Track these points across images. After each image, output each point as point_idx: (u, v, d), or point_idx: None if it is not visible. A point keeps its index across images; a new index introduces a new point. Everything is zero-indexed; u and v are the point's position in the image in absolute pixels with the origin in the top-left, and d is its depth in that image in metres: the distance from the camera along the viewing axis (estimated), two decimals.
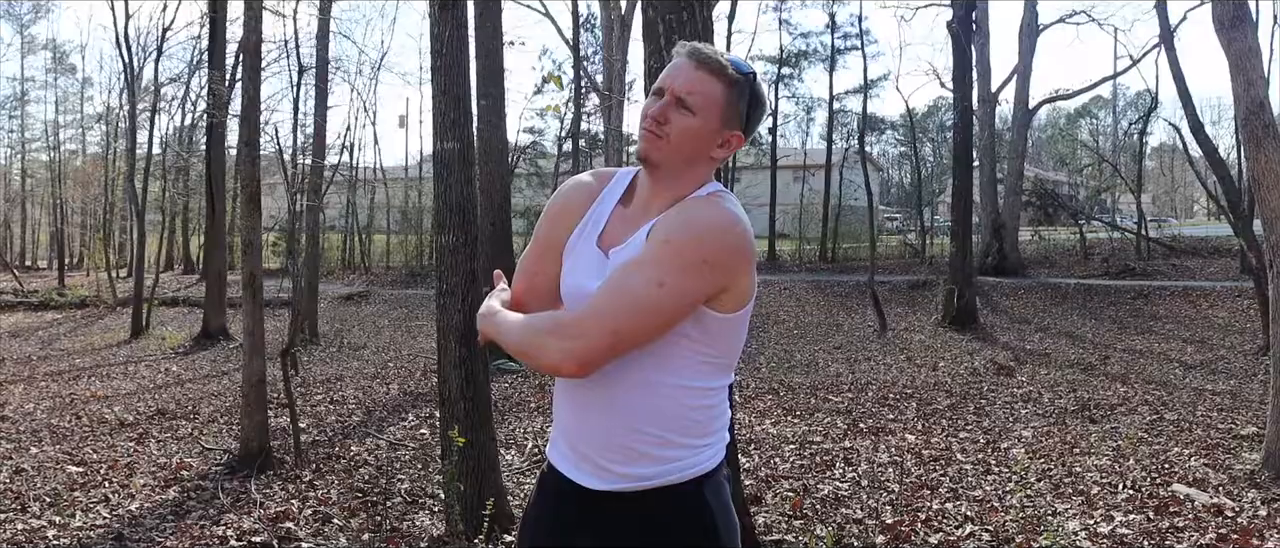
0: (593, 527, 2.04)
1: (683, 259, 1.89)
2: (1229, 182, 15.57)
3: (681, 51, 2.03)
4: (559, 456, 2.10)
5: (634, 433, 1.98)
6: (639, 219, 2.04)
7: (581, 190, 2.15)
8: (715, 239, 1.93)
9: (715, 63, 1.99)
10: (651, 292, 1.88)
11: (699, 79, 1.98)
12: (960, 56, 19.07)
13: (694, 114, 1.98)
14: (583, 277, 2.03)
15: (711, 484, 2.03)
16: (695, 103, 1.97)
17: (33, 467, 8.15)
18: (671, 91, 1.99)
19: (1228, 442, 7.87)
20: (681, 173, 2.02)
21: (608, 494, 2.01)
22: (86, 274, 40.68)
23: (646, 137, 2.00)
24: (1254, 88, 6.92)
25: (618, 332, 1.88)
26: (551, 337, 1.90)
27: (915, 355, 14.79)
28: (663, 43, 4.78)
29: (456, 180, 5.64)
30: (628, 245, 2.00)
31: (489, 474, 5.64)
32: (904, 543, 5.33)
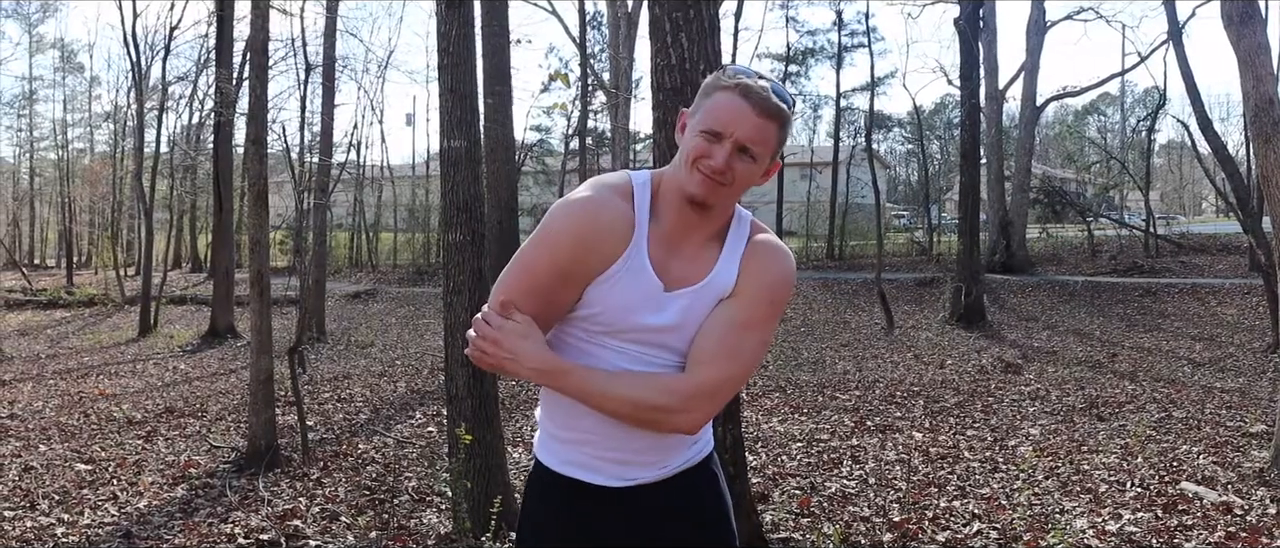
0: (624, 521, 2.09)
1: (775, 312, 2.08)
2: (1238, 178, 15.50)
3: (732, 87, 1.96)
4: (565, 462, 2.11)
5: (664, 438, 2.07)
6: (689, 247, 2.04)
7: (622, 224, 1.98)
8: (791, 284, 2.11)
9: (775, 110, 1.96)
10: (760, 352, 2.06)
11: (762, 128, 1.95)
12: (967, 54, 19.03)
13: (756, 161, 1.98)
14: (635, 309, 1.99)
15: (714, 460, 2.21)
16: (758, 151, 1.97)
17: (42, 465, 8.18)
18: (736, 142, 1.94)
19: (1237, 440, 7.84)
20: (729, 206, 2.07)
21: (631, 488, 2.08)
22: (95, 273, 40.80)
23: (708, 186, 1.95)
24: (1263, 84, 6.89)
25: (736, 389, 2.11)
26: (682, 402, 1.98)
27: (922, 353, 14.77)
28: (669, 40, 4.76)
29: (463, 178, 5.64)
30: (704, 287, 2.02)
31: (496, 472, 5.64)
32: (911, 541, 5.32)
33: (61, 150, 50.17)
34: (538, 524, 2.18)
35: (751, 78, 1.96)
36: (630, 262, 1.98)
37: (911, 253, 31.35)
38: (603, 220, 1.96)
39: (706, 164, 1.94)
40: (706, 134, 1.95)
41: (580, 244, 1.95)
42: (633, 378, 1.99)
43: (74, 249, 44.13)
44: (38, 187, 50.65)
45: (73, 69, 51.30)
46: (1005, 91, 27.30)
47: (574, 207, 1.98)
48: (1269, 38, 7.29)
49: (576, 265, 1.96)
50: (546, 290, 1.98)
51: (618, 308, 1.99)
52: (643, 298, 1.99)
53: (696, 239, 2.03)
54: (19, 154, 52.29)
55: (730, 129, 1.94)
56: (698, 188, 1.95)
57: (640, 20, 24.29)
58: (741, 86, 1.95)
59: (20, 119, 49.65)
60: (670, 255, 2.01)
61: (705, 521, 2.15)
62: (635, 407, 1.97)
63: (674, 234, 2.02)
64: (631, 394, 1.97)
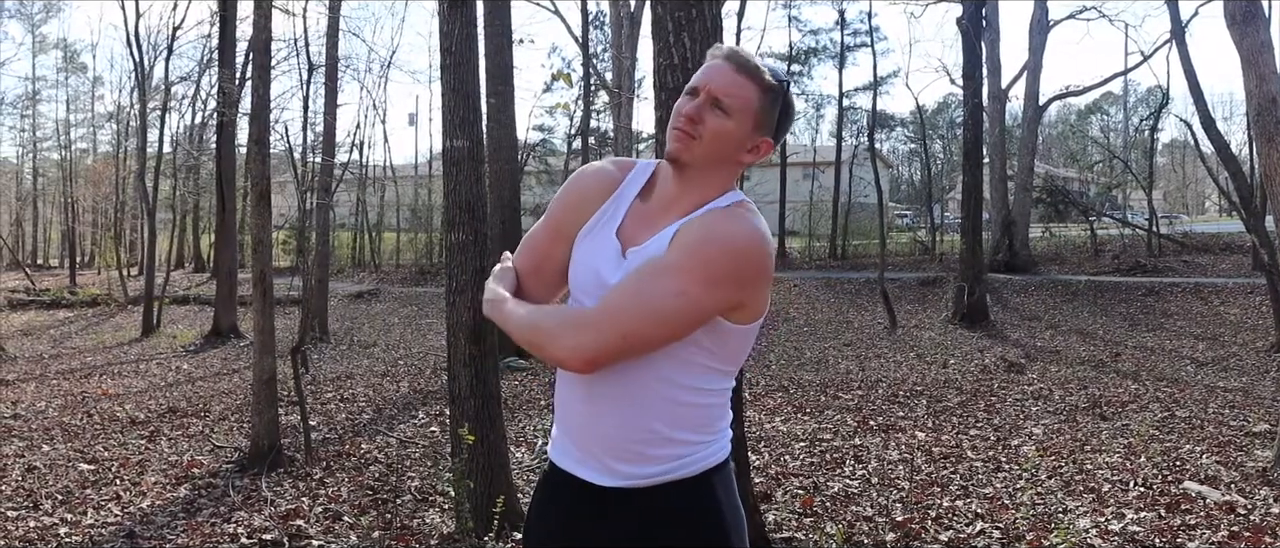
0: (604, 523, 2.02)
1: (706, 272, 1.89)
2: (1241, 178, 15.48)
3: (718, 53, 2.00)
4: (563, 454, 2.08)
5: (643, 432, 1.97)
6: (660, 218, 2.01)
7: (602, 179, 2.10)
8: (739, 254, 1.92)
9: (753, 67, 1.98)
10: (669, 301, 1.88)
11: (736, 82, 1.96)
12: (970, 53, 19.02)
13: (729, 116, 1.96)
14: (597, 267, 2.00)
15: (720, 477, 2.04)
16: (731, 105, 1.95)
17: (45, 465, 8.19)
18: (708, 91, 1.96)
19: (1240, 439, 7.84)
20: (708, 175, 2.00)
21: (617, 490, 2.00)
22: (98, 273, 40.84)
23: (678, 136, 1.97)
24: (1266, 83, 6.88)
25: (629, 335, 1.88)
26: (562, 329, 1.91)
27: (925, 353, 14.76)
28: (671, 40, 4.76)
29: (466, 178, 5.64)
30: (648, 246, 1.97)
31: (499, 472, 5.64)
32: (914, 541, 5.32)
33: (65, 150, 50.18)
34: (533, 512, 2.18)
35: (740, 50, 2.01)
36: (602, 219, 2.05)
37: (914, 252, 31.33)
38: (587, 180, 2.12)
39: (678, 118, 1.97)
40: (686, 93, 2.00)
41: (564, 200, 2.12)
42: (538, 308, 2.02)
43: (77, 249, 44.19)
44: (41, 187, 50.71)
45: (76, 69, 51.33)
46: (1008, 91, 27.29)
47: (578, 170, 2.18)
48: (1272, 36, 7.28)
49: (563, 217, 2.11)
50: (539, 244, 2.13)
51: (583, 265, 2.04)
52: (603, 255, 2.01)
53: (674, 213, 2.00)
54: (22, 154, 52.34)
55: (704, 81, 1.98)
56: (671, 140, 1.98)
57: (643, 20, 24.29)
58: (728, 52, 2.00)
59: (23, 119, 49.68)
60: (644, 227, 2.01)
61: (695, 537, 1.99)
62: (526, 330, 1.96)
63: (655, 207, 2.03)
64: (526, 319, 1.98)
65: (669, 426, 1.97)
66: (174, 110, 37.64)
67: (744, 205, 2.00)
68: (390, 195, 43.39)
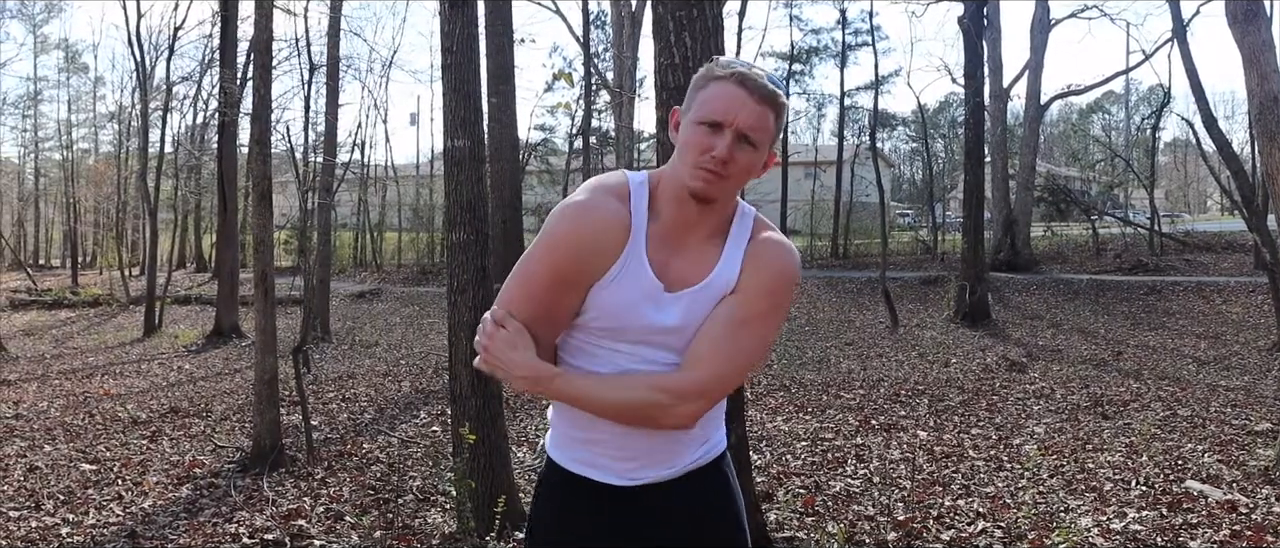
0: (632, 520, 2.08)
1: (780, 312, 2.03)
2: (1243, 176, 15.45)
3: (731, 80, 1.94)
4: (581, 462, 2.10)
5: (675, 440, 2.06)
6: (688, 241, 2.01)
7: (617, 227, 1.95)
8: (794, 281, 2.06)
9: (771, 93, 1.94)
10: (758, 349, 2.01)
11: (760, 115, 1.93)
12: (972, 52, 19.00)
13: (757, 148, 1.95)
14: (640, 309, 1.97)
15: (726, 460, 2.18)
16: (758, 138, 1.94)
17: (47, 465, 8.20)
18: (736, 130, 1.92)
19: (1241, 438, 7.83)
20: (730, 199, 2.03)
21: (640, 488, 2.07)
22: (99, 273, 40.87)
23: (710, 179, 1.92)
24: (1268, 82, 6.88)
25: (730, 387, 2.03)
26: (675, 400, 1.95)
27: (927, 352, 14.76)
28: (672, 39, 4.76)
29: (467, 178, 5.64)
30: (707, 288, 1.99)
31: (500, 472, 5.65)
32: (916, 540, 5.32)
33: (66, 151, 50.23)
34: (547, 522, 2.17)
35: (746, 67, 1.95)
36: (629, 263, 1.96)
37: (916, 251, 31.32)
38: (598, 223, 1.94)
39: (709, 157, 1.91)
40: (705, 125, 1.93)
41: (577, 248, 1.94)
42: (622, 379, 1.97)
43: (79, 249, 44.23)
44: (42, 187, 50.75)
45: (77, 69, 51.37)
46: (1009, 90, 27.28)
47: (569, 211, 1.96)
48: (1273, 35, 7.27)
49: (575, 270, 1.95)
50: (545, 297, 1.97)
51: (619, 309, 1.97)
52: (643, 298, 1.97)
53: (698, 236, 2.00)
54: (24, 154, 52.37)
55: (730, 117, 1.91)
56: (700, 182, 1.92)
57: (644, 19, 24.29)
58: (737, 75, 1.93)
59: (25, 119, 49.66)
60: (671, 254, 1.99)
61: (714, 521, 2.12)
62: (627, 407, 1.96)
63: (674, 232, 2.00)
64: (622, 396, 1.96)
65: (700, 427, 2.07)
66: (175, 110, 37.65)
67: (768, 224, 2.08)
68: (392, 195, 43.39)
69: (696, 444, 2.09)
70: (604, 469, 2.07)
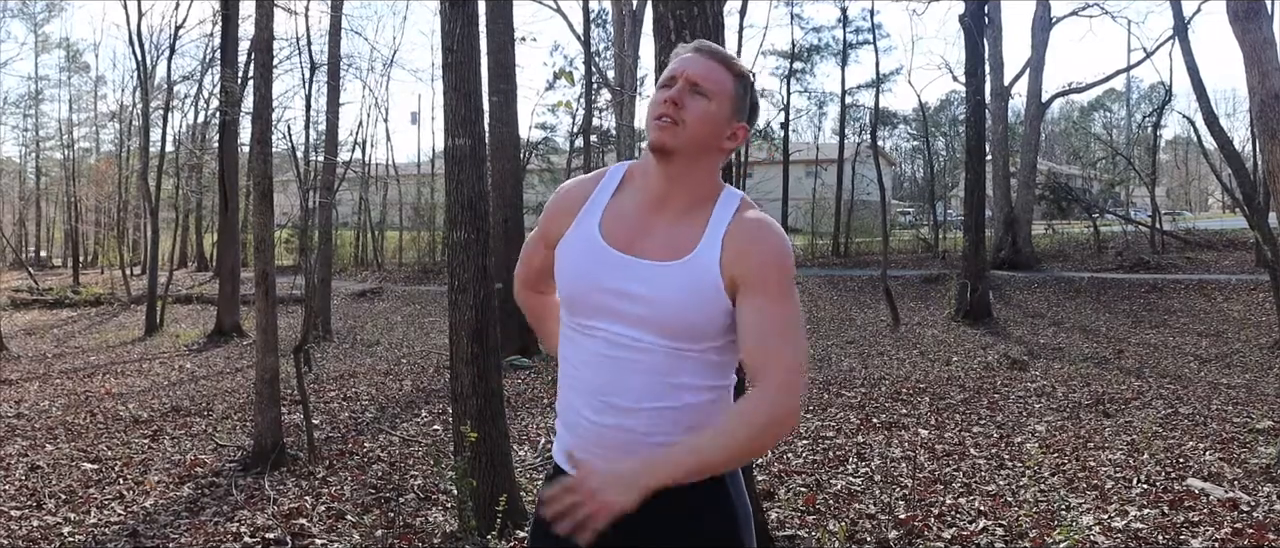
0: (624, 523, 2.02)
1: (793, 282, 2.03)
2: (1244, 174, 15.44)
3: (686, 47, 2.06)
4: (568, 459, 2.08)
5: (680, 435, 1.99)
6: (653, 216, 2.01)
7: (581, 185, 2.15)
8: (790, 254, 2.05)
9: (724, 54, 2.04)
10: (800, 324, 2.03)
11: (711, 67, 2.00)
12: (973, 50, 18.99)
13: (709, 99, 1.97)
14: (587, 267, 2.02)
15: (731, 473, 2.09)
16: (709, 88, 1.97)
17: (48, 464, 8.20)
18: (685, 78, 1.98)
19: (1243, 436, 7.83)
20: (695, 165, 2.00)
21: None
22: (101, 272, 40.92)
23: (662, 124, 1.97)
24: (1269, 80, 6.87)
25: (805, 366, 2.02)
26: (782, 412, 1.91)
27: (928, 350, 14.76)
28: (673, 38, 4.76)
29: (468, 177, 5.64)
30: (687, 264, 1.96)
31: (501, 470, 5.64)
32: (917, 538, 5.32)
33: (67, 150, 50.22)
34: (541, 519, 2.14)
35: (708, 42, 2.08)
36: (580, 223, 2.07)
37: (917, 250, 31.32)
38: (570, 188, 2.16)
39: (660, 106, 1.97)
40: (662, 84, 2.01)
41: (551, 207, 2.17)
42: (717, 431, 1.91)
43: (80, 248, 44.25)
44: (44, 186, 50.75)
45: (78, 68, 51.38)
46: (1011, 88, 27.25)
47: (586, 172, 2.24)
48: (1274, 33, 7.26)
49: (548, 228, 2.17)
50: (533, 254, 2.28)
51: (570, 272, 2.04)
52: (592, 259, 2.01)
53: (672, 210, 2.01)
54: (25, 154, 52.38)
55: (678, 71, 2.00)
56: (656, 130, 1.98)
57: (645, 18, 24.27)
58: (696, 45, 2.06)
59: (26, 119, 49.69)
60: (637, 226, 2.02)
61: (714, 523, 2.05)
62: (746, 441, 1.91)
63: (646, 199, 2.03)
64: (733, 434, 1.90)
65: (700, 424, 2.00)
66: (176, 109, 37.70)
67: (752, 205, 2.06)
68: (393, 194, 43.44)
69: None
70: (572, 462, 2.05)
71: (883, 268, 20.62)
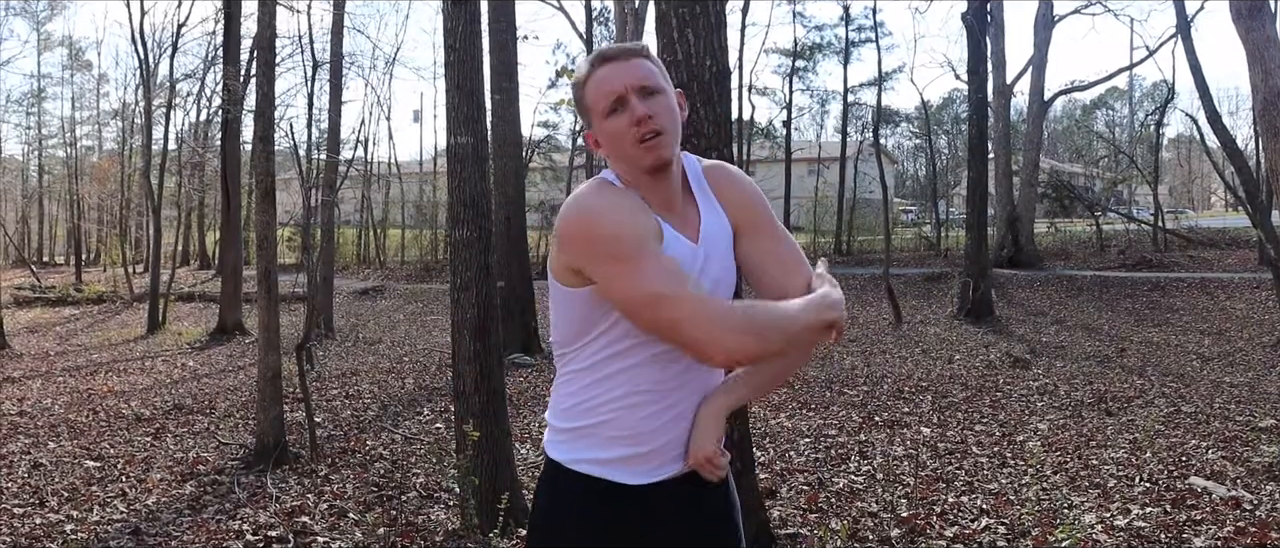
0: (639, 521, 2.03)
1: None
2: (1247, 172, 15.46)
3: (594, 66, 1.99)
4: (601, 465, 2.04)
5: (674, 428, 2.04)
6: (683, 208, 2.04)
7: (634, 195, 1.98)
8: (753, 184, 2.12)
9: (631, 48, 2.00)
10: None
11: (634, 66, 1.97)
12: (975, 48, 18.97)
13: (661, 92, 1.96)
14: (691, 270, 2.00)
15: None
16: (653, 84, 1.96)
17: (51, 462, 8.21)
18: (629, 87, 1.94)
19: (1245, 434, 7.82)
20: (676, 152, 2.01)
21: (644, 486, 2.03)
22: (103, 270, 40.97)
23: (656, 141, 1.92)
24: (1272, 78, 6.87)
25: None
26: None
27: (930, 348, 14.75)
28: (675, 36, 4.75)
29: (470, 175, 5.64)
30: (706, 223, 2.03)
31: (504, 468, 5.65)
32: (919, 537, 5.31)
33: (70, 148, 50.33)
34: (552, 527, 2.12)
35: (605, 48, 2.03)
36: (666, 229, 1.97)
37: (919, 248, 31.31)
38: (644, 217, 1.94)
39: (639, 126, 1.92)
40: (613, 110, 1.94)
41: (650, 236, 1.91)
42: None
43: (82, 246, 44.28)
44: (46, 184, 50.80)
45: (81, 67, 51.40)
46: (1013, 86, 27.23)
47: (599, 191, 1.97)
48: (1277, 31, 7.25)
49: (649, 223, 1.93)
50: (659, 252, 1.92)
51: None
52: (689, 258, 1.97)
53: (677, 199, 2.02)
54: (27, 152, 52.45)
55: (620, 85, 1.94)
56: (653, 151, 1.93)
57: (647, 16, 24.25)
58: (594, 60, 2.00)
59: (29, 117, 49.75)
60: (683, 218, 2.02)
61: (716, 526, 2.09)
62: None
63: (663, 208, 2.00)
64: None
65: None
66: (179, 107, 37.75)
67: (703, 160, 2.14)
68: (395, 192, 43.48)
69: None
70: (606, 467, 2.03)
71: (885, 266, 20.62)
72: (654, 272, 1.87)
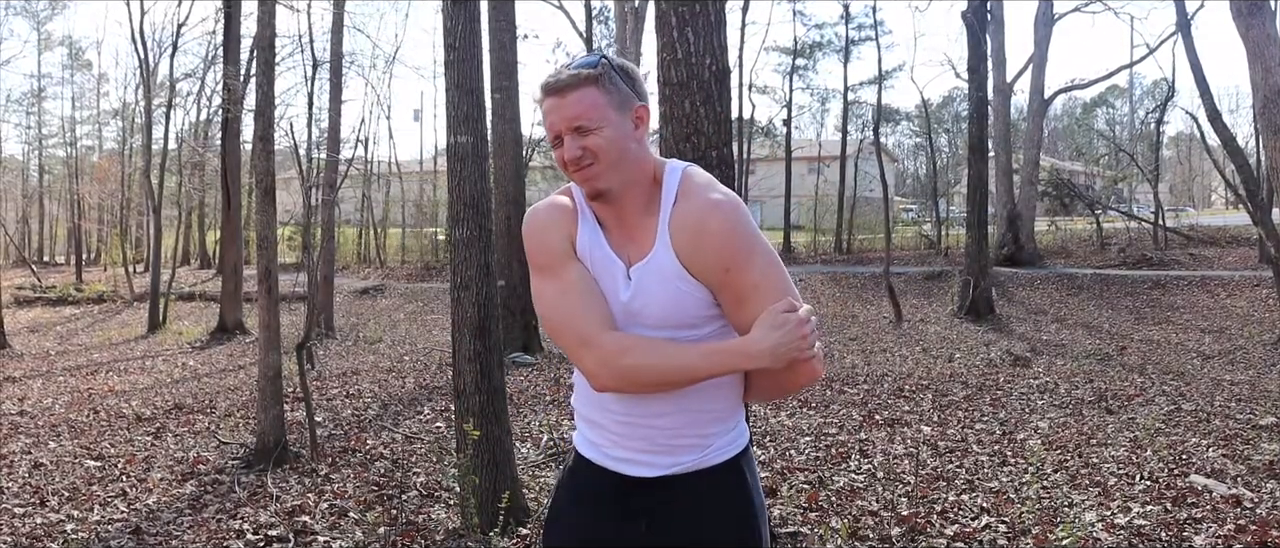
0: (645, 512, 2.06)
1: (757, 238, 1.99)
2: (1247, 170, 15.43)
3: (540, 96, 2.03)
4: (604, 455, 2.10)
5: (702, 415, 2.05)
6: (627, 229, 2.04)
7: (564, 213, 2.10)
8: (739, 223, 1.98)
9: (568, 78, 1.98)
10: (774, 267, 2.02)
11: (568, 103, 1.97)
12: (975, 46, 18.97)
13: (596, 129, 1.96)
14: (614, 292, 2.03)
15: (747, 459, 2.14)
16: (589, 120, 1.96)
17: (51, 461, 8.21)
18: (564, 130, 1.98)
19: (1246, 432, 7.81)
20: (627, 175, 2.00)
21: (659, 480, 2.05)
22: (104, 269, 40.99)
23: (581, 178, 1.99)
24: (1272, 75, 6.87)
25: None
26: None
27: (931, 347, 14.75)
28: (675, 35, 4.75)
29: (470, 174, 5.64)
30: (652, 258, 1.99)
31: (504, 467, 5.65)
32: (919, 535, 5.31)
33: (70, 147, 50.36)
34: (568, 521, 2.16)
35: (550, 75, 2.02)
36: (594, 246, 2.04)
37: (919, 246, 31.32)
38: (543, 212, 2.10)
39: (569, 166, 1.98)
40: (556, 142, 2.01)
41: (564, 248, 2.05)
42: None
43: (83, 246, 44.30)
44: (47, 184, 50.84)
45: (81, 66, 51.44)
46: (1013, 84, 27.24)
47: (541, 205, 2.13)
48: (1278, 29, 7.25)
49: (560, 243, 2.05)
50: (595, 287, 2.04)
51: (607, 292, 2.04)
52: (613, 282, 2.02)
53: (631, 219, 2.03)
54: (28, 151, 52.50)
55: (554, 128, 2.00)
56: (586, 183, 2.00)
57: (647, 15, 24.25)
58: (543, 87, 2.02)
59: (29, 116, 49.79)
60: (631, 242, 2.03)
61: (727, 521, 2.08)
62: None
63: (621, 220, 2.04)
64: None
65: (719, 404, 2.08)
66: (179, 107, 37.77)
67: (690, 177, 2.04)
68: (395, 191, 43.48)
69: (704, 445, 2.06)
70: (620, 459, 2.06)
71: (885, 265, 20.62)
72: (550, 291, 2.03)
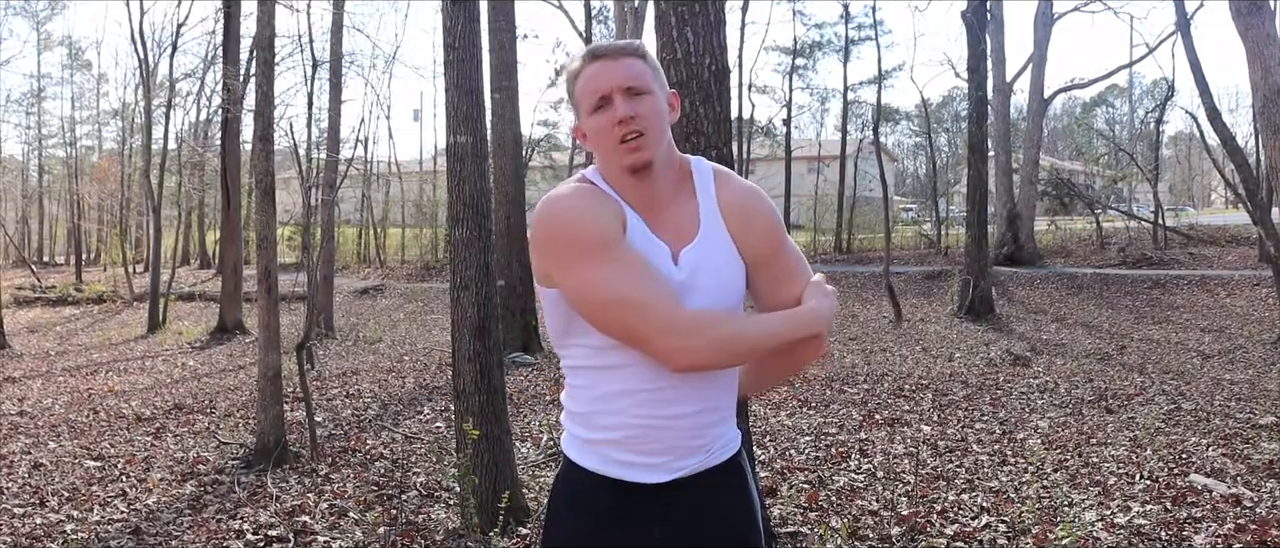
0: (654, 519, 2.01)
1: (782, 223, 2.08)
2: (1247, 169, 15.41)
3: (586, 62, 1.99)
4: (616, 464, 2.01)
5: (716, 413, 2.03)
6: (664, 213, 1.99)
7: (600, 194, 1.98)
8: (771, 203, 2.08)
9: (625, 46, 1.98)
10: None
11: (626, 65, 1.96)
12: (975, 46, 18.97)
13: (648, 94, 1.95)
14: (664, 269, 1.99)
15: (742, 456, 2.13)
16: (641, 84, 1.94)
17: (51, 462, 8.21)
18: (619, 89, 1.93)
19: (1246, 432, 7.81)
20: (666, 153, 1.99)
21: (665, 485, 2.00)
22: (103, 269, 41.00)
23: (637, 143, 1.91)
24: (1272, 74, 6.87)
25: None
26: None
27: (931, 346, 14.75)
28: (675, 34, 4.75)
29: (470, 174, 5.64)
30: (704, 239, 1.97)
31: (504, 467, 5.65)
32: (919, 535, 5.31)
33: (70, 148, 50.38)
34: (569, 528, 2.07)
35: (592, 45, 2.01)
36: (636, 230, 1.95)
37: (919, 246, 31.32)
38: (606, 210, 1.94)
39: (621, 125, 1.92)
40: (598, 108, 1.95)
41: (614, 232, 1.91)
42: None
43: (83, 246, 44.32)
44: (46, 184, 50.84)
45: (81, 66, 51.44)
46: (1013, 84, 27.25)
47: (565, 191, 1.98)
48: (1277, 29, 7.25)
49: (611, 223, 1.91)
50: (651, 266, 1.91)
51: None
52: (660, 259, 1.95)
53: (661, 200, 1.99)
54: (27, 152, 52.51)
55: (607, 85, 1.94)
56: (632, 153, 1.93)
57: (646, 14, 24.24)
58: (588, 55, 1.99)
59: (29, 116, 49.78)
60: (670, 224, 1.99)
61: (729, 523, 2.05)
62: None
63: (655, 202, 1.99)
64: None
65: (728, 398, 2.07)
66: (179, 107, 37.75)
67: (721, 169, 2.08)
68: (395, 191, 43.51)
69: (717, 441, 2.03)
70: (620, 465, 2.00)
71: (885, 264, 20.62)
72: (612, 274, 1.86)
